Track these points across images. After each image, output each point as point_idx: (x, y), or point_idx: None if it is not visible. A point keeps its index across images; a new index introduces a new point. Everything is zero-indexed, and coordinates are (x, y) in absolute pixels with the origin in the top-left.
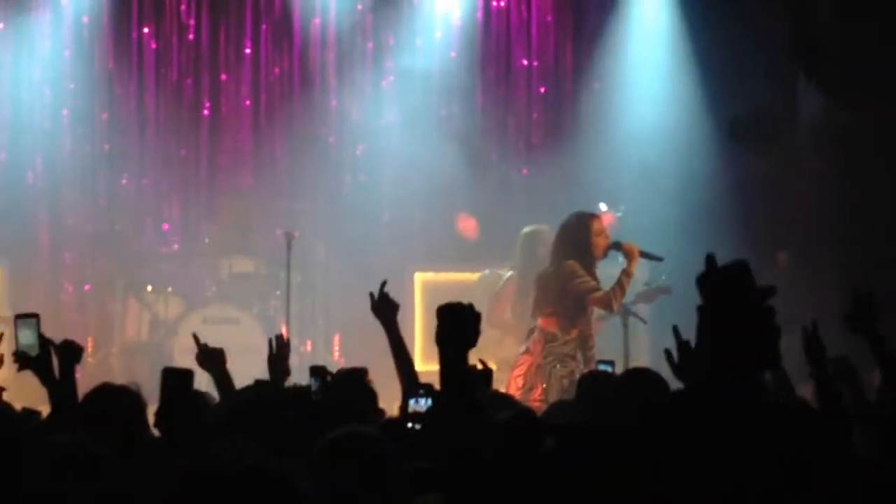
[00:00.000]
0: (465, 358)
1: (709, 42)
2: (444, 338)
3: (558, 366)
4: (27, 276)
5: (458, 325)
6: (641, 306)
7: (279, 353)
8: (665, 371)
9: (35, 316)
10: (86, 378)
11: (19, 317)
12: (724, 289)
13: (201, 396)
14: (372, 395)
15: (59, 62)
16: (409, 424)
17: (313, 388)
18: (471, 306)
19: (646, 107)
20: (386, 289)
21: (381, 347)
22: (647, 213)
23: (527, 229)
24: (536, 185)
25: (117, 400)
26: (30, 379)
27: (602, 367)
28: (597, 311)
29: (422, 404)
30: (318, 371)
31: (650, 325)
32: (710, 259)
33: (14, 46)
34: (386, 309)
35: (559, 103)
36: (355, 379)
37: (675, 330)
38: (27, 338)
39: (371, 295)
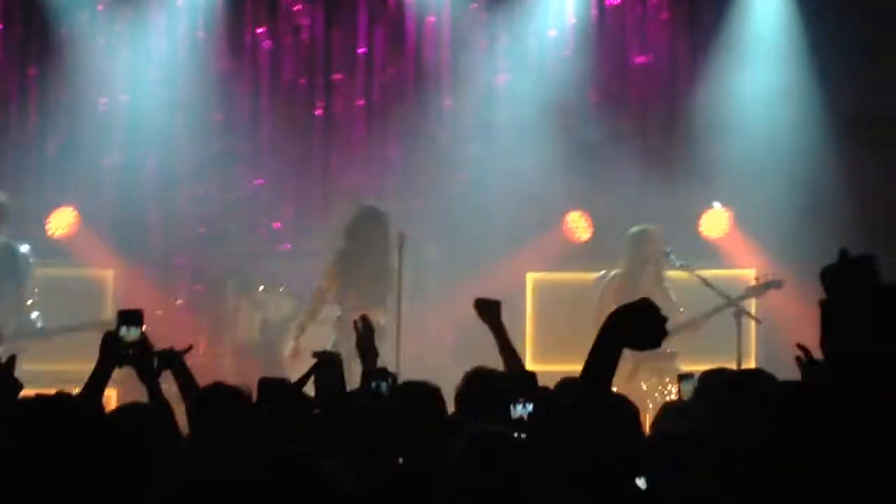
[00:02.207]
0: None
1: (827, 37)
2: (619, 332)
3: None
4: (140, 278)
5: (643, 324)
6: (752, 302)
7: (365, 334)
8: (778, 372)
9: (139, 312)
10: (200, 377)
11: (122, 312)
12: (850, 282)
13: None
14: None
15: (174, 63)
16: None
17: (382, 392)
18: (656, 310)
19: (761, 104)
20: (499, 289)
21: (492, 346)
22: (762, 210)
23: (634, 229)
24: (649, 183)
25: (231, 400)
26: None
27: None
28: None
29: (521, 410)
30: (382, 374)
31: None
32: (842, 254)
33: (130, 48)
34: (490, 309)
35: (674, 101)
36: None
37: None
38: (131, 334)
39: (477, 302)
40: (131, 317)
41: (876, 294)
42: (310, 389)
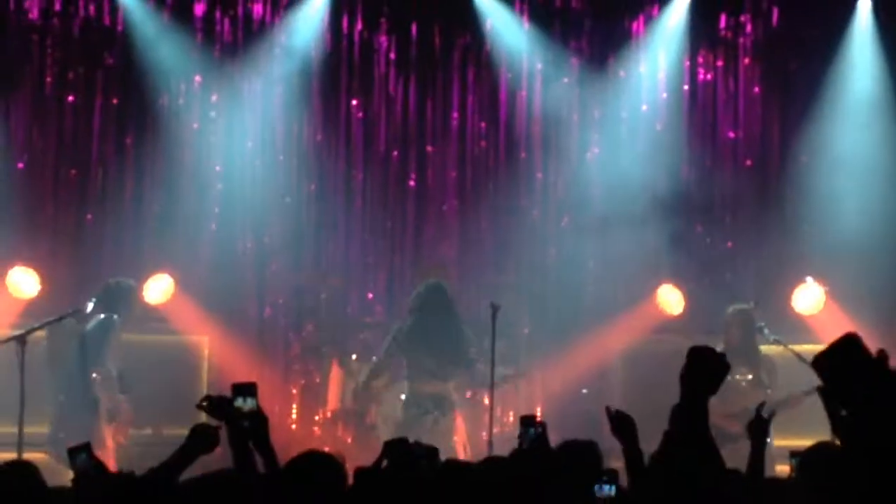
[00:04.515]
0: (704, 401)
1: None
2: (688, 377)
3: None
4: (235, 345)
5: (703, 368)
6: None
7: None
8: None
9: (253, 384)
10: (291, 445)
11: (236, 385)
12: (835, 366)
13: None
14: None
15: (269, 134)
16: None
17: (528, 439)
18: (722, 356)
19: (854, 179)
20: (591, 362)
21: (583, 418)
22: (856, 285)
23: (731, 309)
24: (742, 258)
25: (322, 466)
26: None
27: None
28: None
29: (605, 491)
30: (527, 421)
31: None
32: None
33: (226, 118)
34: (625, 428)
35: (765, 176)
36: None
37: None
38: (247, 405)
39: (608, 413)
40: (245, 389)
41: (863, 372)
42: None
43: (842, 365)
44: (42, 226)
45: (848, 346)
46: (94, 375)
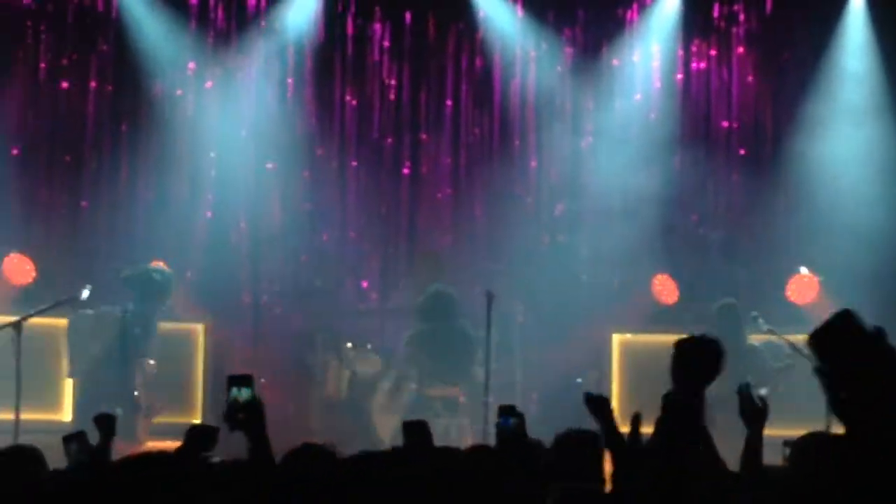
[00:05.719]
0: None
1: None
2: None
3: None
4: (229, 333)
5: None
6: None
7: None
8: None
9: (249, 375)
10: (284, 434)
11: (232, 377)
12: (832, 343)
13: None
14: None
15: (264, 122)
16: None
17: (510, 426)
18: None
19: (847, 168)
20: (584, 349)
21: (577, 406)
22: (850, 274)
23: (722, 302)
24: (735, 247)
25: (316, 459)
26: None
27: None
28: None
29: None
30: (505, 411)
31: None
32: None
33: (220, 105)
34: (601, 409)
35: (759, 165)
36: (587, 442)
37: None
38: (243, 395)
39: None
40: (241, 380)
41: (860, 347)
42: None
43: (838, 342)
44: (36, 213)
45: (844, 322)
46: (137, 371)
